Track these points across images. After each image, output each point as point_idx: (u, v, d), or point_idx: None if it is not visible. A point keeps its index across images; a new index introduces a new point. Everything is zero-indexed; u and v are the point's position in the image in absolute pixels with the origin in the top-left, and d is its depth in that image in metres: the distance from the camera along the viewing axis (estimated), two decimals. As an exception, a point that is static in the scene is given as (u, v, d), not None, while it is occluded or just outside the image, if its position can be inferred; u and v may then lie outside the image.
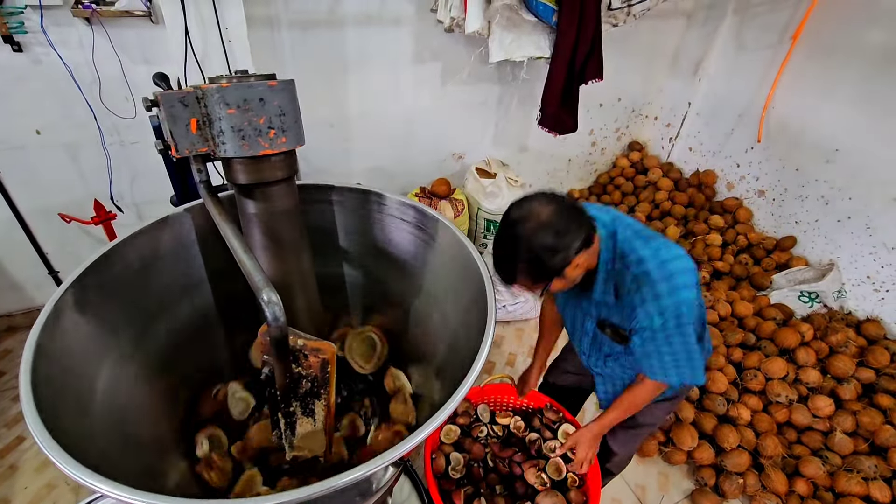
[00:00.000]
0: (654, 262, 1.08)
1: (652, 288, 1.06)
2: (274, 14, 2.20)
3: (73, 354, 0.81)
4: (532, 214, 0.99)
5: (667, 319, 1.07)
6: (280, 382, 0.80)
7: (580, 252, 1.01)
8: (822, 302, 2.70)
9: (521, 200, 1.05)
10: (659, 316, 1.07)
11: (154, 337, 1.02)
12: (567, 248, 0.99)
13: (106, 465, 0.67)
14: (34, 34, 1.87)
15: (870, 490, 1.90)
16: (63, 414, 0.73)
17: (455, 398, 0.73)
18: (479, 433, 1.69)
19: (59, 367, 0.77)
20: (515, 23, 2.33)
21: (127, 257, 0.95)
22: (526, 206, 1.02)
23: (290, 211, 0.88)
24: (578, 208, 1.04)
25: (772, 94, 2.85)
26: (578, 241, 1.00)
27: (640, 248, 1.10)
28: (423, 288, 1.22)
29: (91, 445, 0.75)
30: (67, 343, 0.80)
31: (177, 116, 0.71)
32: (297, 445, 0.89)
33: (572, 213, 1.01)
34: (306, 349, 0.80)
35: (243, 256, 0.68)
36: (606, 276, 1.15)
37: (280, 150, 0.76)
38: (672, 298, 1.06)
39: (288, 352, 0.76)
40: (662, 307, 1.06)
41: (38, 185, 2.22)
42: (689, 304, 1.08)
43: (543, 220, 0.98)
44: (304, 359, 0.80)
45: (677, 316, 1.07)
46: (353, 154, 2.84)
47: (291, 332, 0.79)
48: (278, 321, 0.66)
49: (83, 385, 0.82)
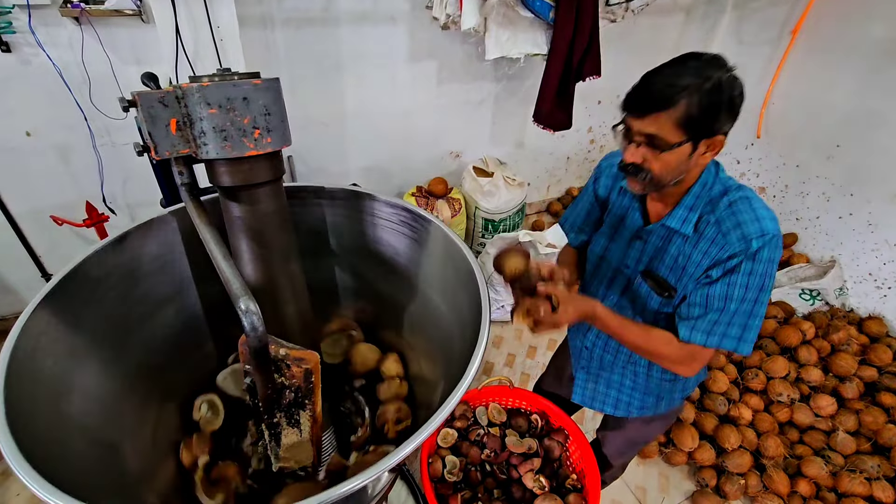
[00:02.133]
0: (753, 193, 0.98)
1: (754, 211, 0.93)
2: (267, 12, 2.17)
3: (48, 371, 0.78)
4: (725, 61, 0.88)
5: (763, 247, 0.91)
6: (262, 393, 0.77)
7: (719, 136, 0.90)
8: (823, 300, 2.68)
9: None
10: (759, 239, 0.91)
11: (138, 346, 0.99)
12: (732, 116, 0.88)
13: (87, 487, 0.65)
14: (22, 34, 1.84)
15: (873, 490, 1.89)
16: (39, 434, 0.70)
17: (451, 400, 0.71)
18: (477, 437, 1.67)
19: (34, 386, 0.74)
20: (512, 19, 2.30)
21: (108, 264, 0.92)
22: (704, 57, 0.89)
23: (277, 214, 0.85)
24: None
25: (772, 90, 2.83)
26: (731, 118, 0.89)
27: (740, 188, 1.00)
28: (416, 290, 1.19)
29: (70, 465, 0.72)
30: (40, 362, 0.77)
31: (156, 117, 0.68)
32: (283, 457, 0.86)
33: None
34: (289, 359, 0.77)
35: (222, 263, 0.66)
36: (696, 201, 1.00)
37: (265, 150, 0.73)
38: (774, 225, 0.93)
39: (269, 362, 0.74)
40: (765, 229, 0.91)
41: (30, 187, 2.19)
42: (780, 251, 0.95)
43: (735, 73, 0.87)
44: (286, 369, 0.77)
45: (775, 248, 0.92)
46: (350, 153, 2.81)
47: (273, 341, 0.76)
48: (257, 331, 0.63)
49: (60, 401, 0.79)
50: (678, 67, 0.88)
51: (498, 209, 2.90)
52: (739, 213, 0.94)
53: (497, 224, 2.97)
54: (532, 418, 1.72)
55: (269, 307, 0.93)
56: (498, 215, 2.93)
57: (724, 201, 0.97)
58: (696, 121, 0.86)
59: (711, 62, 0.88)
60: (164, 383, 1.07)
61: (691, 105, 0.85)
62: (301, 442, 0.84)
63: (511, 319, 1.10)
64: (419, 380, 1.25)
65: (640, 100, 0.91)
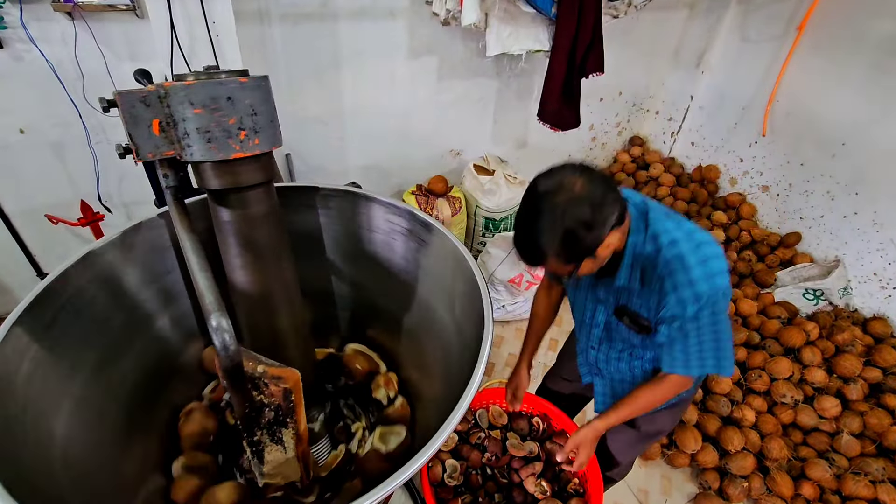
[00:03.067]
0: (689, 245, 0.99)
1: (687, 273, 0.98)
2: (264, 7, 2.13)
3: (30, 395, 0.75)
4: (564, 185, 0.89)
5: (702, 307, 0.99)
6: (239, 412, 0.74)
7: (614, 229, 0.93)
8: (827, 300, 2.65)
9: (550, 171, 0.94)
10: (694, 303, 0.98)
11: (125, 362, 0.95)
12: (603, 224, 0.90)
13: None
14: (14, 29, 1.81)
15: (878, 493, 1.86)
16: (23, 464, 0.67)
17: (459, 408, 0.68)
18: (478, 440, 1.65)
19: (16, 410, 0.71)
20: (513, 15, 2.26)
21: (93, 272, 0.89)
22: (556, 176, 0.91)
23: (269, 218, 0.81)
24: (610, 180, 0.94)
25: (777, 87, 2.78)
26: (613, 216, 0.92)
27: (673, 230, 1.02)
28: (415, 294, 1.16)
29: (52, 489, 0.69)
30: (22, 384, 0.74)
31: (138, 117, 0.65)
32: (268, 473, 0.83)
33: (607, 185, 0.92)
34: (266, 377, 0.73)
35: (198, 274, 0.63)
36: (634, 259, 1.06)
37: (252, 152, 0.70)
38: (709, 284, 0.97)
39: (243, 381, 0.70)
40: (698, 294, 0.97)
41: (24, 185, 2.16)
42: (726, 292, 1.00)
43: (577, 191, 0.88)
44: (265, 387, 0.74)
45: (713, 304, 0.99)
46: (349, 152, 2.78)
47: (251, 358, 0.73)
48: (228, 350, 0.60)
49: (42, 430, 0.76)
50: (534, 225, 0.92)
51: (499, 208, 2.87)
52: (674, 273, 0.99)
53: (498, 223, 2.94)
54: (533, 421, 1.70)
55: (262, 315, 0.90)
56: (499, 214, 2.90)
57: (660, 259, 1.01)
58: (574, 256, 0.93)
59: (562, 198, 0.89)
60: (156, 397, 1.03)
61: (560, 254, 0.92)
62: (287, 459, 0.81)
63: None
64: (419, 386, 1.23)
65: (525, 259, 0.98)
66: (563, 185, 0.89)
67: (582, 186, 0.89)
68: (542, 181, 0.93)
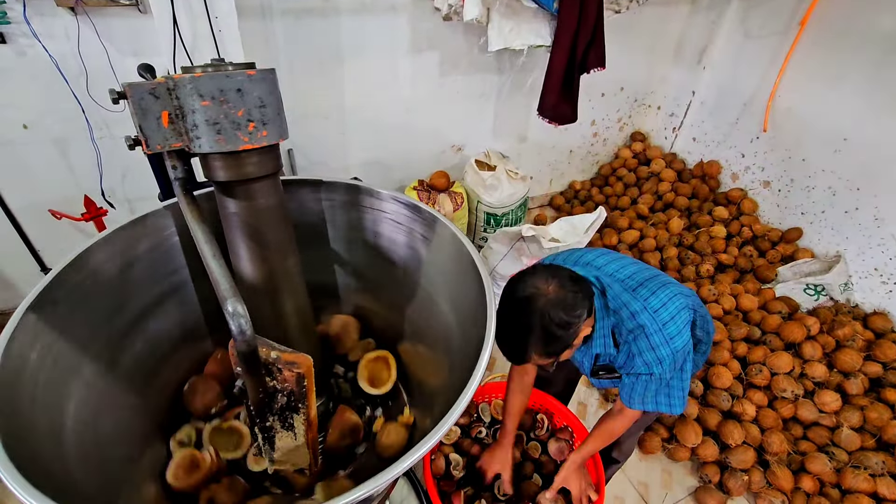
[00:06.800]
0: (647, 315, 1.11)
1: (648, 340, 1.10)
2: (266, 2, 2.13)
3: (40, 380, 0.76)
4: (539, 291, 0.99)
5: (664, 369, 1.12)
6: (253, 398, 0.75)
7: (586, 321, 1.04)
8: (828, 295, 2.66)
9: (522, 276, 1.04)
10: (657, 366, 1.12)
11: (132, 348, 0.96)
12: (577, 320, 1.00)
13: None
14: (17, 24, 1.81)
15: (877, 487, 1.87)
16: (34, 447, 0.68)
17: (462, 399, 0.69)
18: (479, 433, 1.66)
19: (27, 397, 0.72)
20: (515, 10, 2.27)
21: (99, 262, 0.90)
22: (529, 281, 1.01)
23: (275, 209, 0.82)
24: (577, 278, 1.06)
25: (778, 83, 2.78)
26: (584, 311, 1.02)
27: (631, 303, 1.13)
28: (419, 287, 1.17)
29: (66, 476, 0.70)
30: (33, 370, 0.75)
31: (147, 109, 0.66)
32: (278, 459, 0.84)
33: (575, 284, 1.03)
34: (280, 362, 0.74)
35: (211, 262, 0.64)
36: (602, 332, 1.18)
37: (260, 144, 0.71)
38: (668, 348, 1.10)
39: (258, 366, 0.71)
40: (660, 357, 1.10)
41: (27, 180, 2.17)
42: (686, 347, 1.13)
43: (552, 296, 0.99)
44: (278, 372, 0.75)
45: (674, 363, 1.12)
46: (350, 147, 2.78)
47: (264, 344, 0.74)
48: (245, 334, 0.61)
49: (55, 412, 0.77)
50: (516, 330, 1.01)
51: (500, 203, 2.88)
52: (638, 341, 1.12)
53: (499, 218, 2.95)
54: (538, 417, 1.71)
55: (267, 306, 0.91)
56: (500, 209, 2.91)
57: (624, 331, 1.14)
58: (555, 351, 1.03)
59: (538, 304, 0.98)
60: (161, 386, 1.05)
61: (542, 353, 1.02)
62: (296, 445, 0.82)
63: None
64: (421, 378, 1.24)
65: (510, 359, 1.09)
66: (539, 290, 0.99)
67: (555, 290, 0.99)
68: (517, 287, 1.02)
